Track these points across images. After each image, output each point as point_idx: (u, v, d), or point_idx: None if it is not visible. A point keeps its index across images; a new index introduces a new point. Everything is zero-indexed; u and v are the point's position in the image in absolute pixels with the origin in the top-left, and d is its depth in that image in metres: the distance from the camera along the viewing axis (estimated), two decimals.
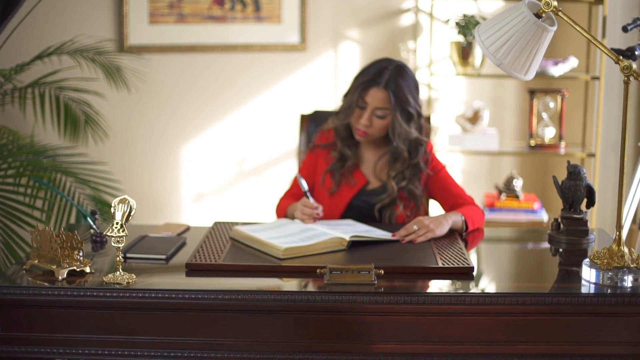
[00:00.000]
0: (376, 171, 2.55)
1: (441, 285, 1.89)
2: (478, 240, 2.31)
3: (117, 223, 1.84)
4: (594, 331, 1.78)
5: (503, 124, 3.89)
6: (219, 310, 1.78)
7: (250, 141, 3.88)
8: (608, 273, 1.83)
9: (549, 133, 3.61)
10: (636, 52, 1.90)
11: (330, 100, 3.81)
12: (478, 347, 1.79)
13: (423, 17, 3.76)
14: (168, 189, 3.91)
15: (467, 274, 1.93)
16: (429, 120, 2.86)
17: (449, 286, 1.88)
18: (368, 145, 2.56)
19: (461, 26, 3.55)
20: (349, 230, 2.20)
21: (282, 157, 3.87)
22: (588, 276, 1.87)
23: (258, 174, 3.90)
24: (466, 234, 2.30)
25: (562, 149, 3.59)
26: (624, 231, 3.10)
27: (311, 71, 3.81)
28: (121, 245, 1.85)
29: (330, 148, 2.57)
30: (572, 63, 3.52)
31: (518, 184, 3.56)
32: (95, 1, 3.73)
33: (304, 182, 2.39)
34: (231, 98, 3.84)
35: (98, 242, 2.20)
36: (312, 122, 2.88)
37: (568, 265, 2.11)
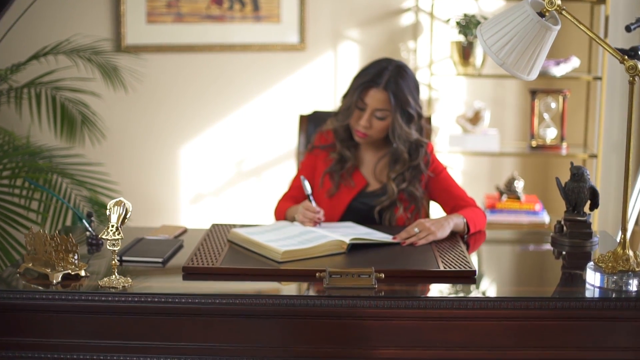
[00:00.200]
0: (376, 173, 2.53)
1: (443, 289, 1.87)
2: (480, 242, 2.29)
3: (113, 226, 1.82)
4: (599, 336, 1.76)
5: (504, 125, 3.88)
6: (217, 314, 1.76)
7: (248, 142, 3.87)
8: (613, 277, 1.81)
9: (551, 134, 3.60)
10: None
11: (329, 100, 3.80)
12: (481, 353, 1.77)
13: (423, 17, 3.75)
14: (166, 190, 3.89)
15: (469, 278, 1.91)
16: (430, 121, 2.84)
17: (451, 290, 1.86)
18: (368, 146, 2.54)
19: (462, 26, 3.54)
20: (349, 232, 2.18)
21: (281, 158, 3.86)
22: (592, 280, 1.84)
23: (257, 175, 3.89)
24: (468, 237, 2.28)
25: (564, 150, 3.58)
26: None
27: (310, 71, 3.80)
28: (117, 248, 1.83)
29: (329, 149, 2.55)
30: (574, 63, 3.51)
31: (519, 185, 3.55)
32: (92, 0, 3.72)
33: (308, 185, 2.36)
34: (230, 98, 3.83)
35: (94, 245, 2.18)
36: (312, 123, 2.87)
37: (571, 268, 2.09)
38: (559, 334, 1.76)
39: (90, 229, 2.20)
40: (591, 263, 1.87)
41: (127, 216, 1.84)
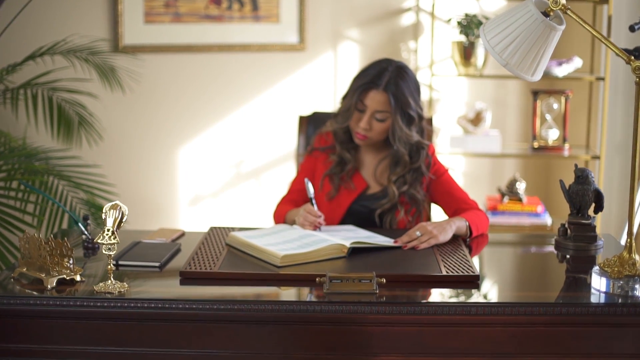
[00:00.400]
0: (376, 175, 2.50)
1: (445, 294, 1.84)
2: (482, 246, 2.26)
3: (109, 230, 1.81)
4: (605, 342, 1.74)
5: (506, 126, 3.86)
6: (215, 320, 1.74)
7: (247, 143, 3.85)
8: (619, 282, 1.78)
9: (553, 135, 3.58)
10: None
11: (329, 101, 3.79)
12: (484, 359, 1.74)
13: (424, 17, 3.74)
14: (164, 192, 3.88)
15: (472, 283, 1.88)
16: (431, 122, 2.81)
17: (454, 295, 1.83)
18: (368, 148, 2.51)
19: (463, 26, 3.52)
20: (350, 236, 2.15)
21: (281, 160, 3.85)
22: (598, 285, 1.82)
23: (256, 177, 3.88)
24: (470, 240, 2.25)
25: (566, 151, 3.56)
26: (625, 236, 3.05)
27: (310, 72, 3.78)
28: (113, 252, 1.82)
29: (329, 151, 2.53)
30: (577, 63, 3.49)
31: (521, 187, 3.53)
32: (89, 0, 3.69)
33: (312, 188, 2.32)
34: (228, 99, 3.81)
35: (90, 248, 2.16)
36: (311, 124, 2.85)
37: (575, 272, 2.07)
38: (564, 340, 1.73)
39: (86, 233, 2.18)
40: (596, 267, 1.85)
41: (123, 220, 1.82)
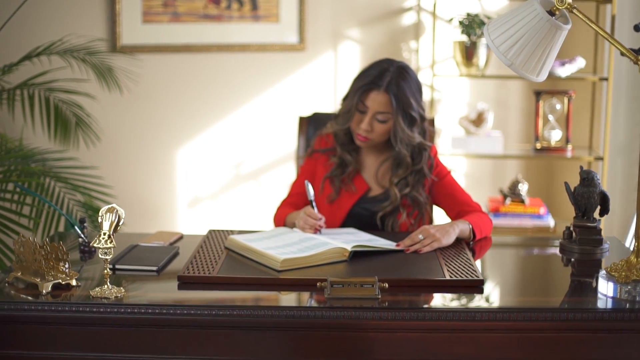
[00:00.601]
0: (378, 177, 2.47)
1: (449, 299, 1.81)
2: (486, 249, 2.23)
3: (105, 234, 1.78)
4: (611, 349, 1.71)
5: (508, 126, 3.84)
6: (213, 326, 1.71)
7: (247, 144, 3.83)
8: (626, 287, 1.75)
9: (555, 136, 3.56)
10: None
11: (329, 102, 3.78)
12: None
13: (425, 16, 3.72)
14: (162, 194, 3.86)
15: (477, 287, 1.85)
16: (433, 123, 2.78)
17: (458, 300, 1.80)
18: (369, 150, 2.48)
19: (465, 25, 3.50)
20: (351, 239, 2.12)
21: (280, 161, 3.84)
22: (605, 290, 1.78)
23: (255, 178, 3.87)
24: (473, 243, 2.22)
25: (569, 152, 3.54)
26: (630, 239, 3.02)
27: (310, 72, 3.77)
28: (109, 257, 1.79)
29: (329, 153, 2.50)
30: (580, 63, 3.47)
31: (523, 188, 3.52)
32: None
33: (312, 190, 2.29)
34: (228, 100, 3.79)
35: (87, 252, 2.13)
36: (311, 125, 2.83)
37: (581, 276, 2.03)
38: (570, 346, 1.71)
39: (82, 236, 2.15)
40: (603, 272, 1.82)
41: (120, 223, 1.80)
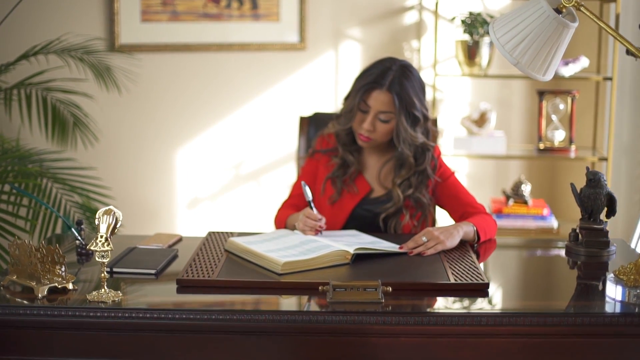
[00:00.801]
0: (380, 178, 2.44)
1: (454, 303, 1.78)
2: (490, 251, 2.21)
3: (102, 236, 1.76)
4: (620, 354, 1.68)
5: (511, 127, 3.82)
6: (213, 331, 1.69)
7: (247, 145, 3.81)
8: (635, 290, 1.73)
9: (559, 136, 3.54)
10: None
11: (330, 101, 3.76)
12: None
13: (427, 15, 3.71)
14: (161, 195, 3.84)
15: (482, 291, 1.81)
16: (436, 123, 2.75)
17: (463, 304, 1.77)
18: (371, 150, 2.45)
19: (467, 24, 3.49)
20: (353, 242, 2.09)
21: (281, 161, 3.82)
22: (613, 294, 1.76)
23: (255, 179, 3.86)
24: (478, 246, 2.19)
25: (573, 153, 3.51)
26: (636, 241, 2.99)
27: (311, 71, 3.75)
28: (106, 260, 1.76)
29: (331, 154, 2.47)
30: (583, 63, 3.44)
31: (526, 189, 3.50)
32: None
33: (309, 191, 2.26)
34: (227, 99, 3.78)
35: (84, 254, 2.11)
36: (312, 125, 2.81)
37: (587, 279, 2.01)
38: (578, 352, 1.68)
39: (79, 238, 2.12)
40: (611, 275, 1.79)
41: (117, 226, 1.77)
